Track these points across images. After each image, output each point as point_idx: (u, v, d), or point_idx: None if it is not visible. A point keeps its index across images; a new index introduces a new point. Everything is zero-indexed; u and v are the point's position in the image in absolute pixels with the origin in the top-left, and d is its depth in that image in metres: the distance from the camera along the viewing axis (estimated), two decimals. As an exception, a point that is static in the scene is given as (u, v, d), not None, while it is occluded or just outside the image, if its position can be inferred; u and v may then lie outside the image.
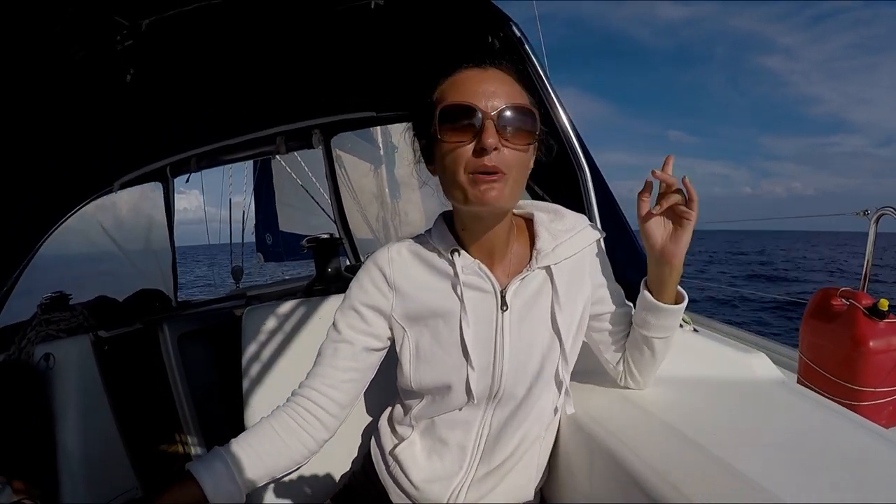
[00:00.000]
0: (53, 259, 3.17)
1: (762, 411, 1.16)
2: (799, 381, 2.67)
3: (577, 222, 1.20)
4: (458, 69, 1.06)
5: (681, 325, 1.60)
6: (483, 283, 1.13)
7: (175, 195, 3.67)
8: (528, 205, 1.23)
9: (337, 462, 1.48)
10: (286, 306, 1.63)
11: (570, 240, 1.16)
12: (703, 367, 1.35)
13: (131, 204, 3.70)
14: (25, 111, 1.98)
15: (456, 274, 1.12)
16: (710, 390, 1.08)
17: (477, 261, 1.14)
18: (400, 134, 5.42)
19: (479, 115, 0.98)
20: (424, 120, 1.08)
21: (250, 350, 1.59)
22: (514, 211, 1.21)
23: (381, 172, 5.70)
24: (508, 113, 0.99)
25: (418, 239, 1.21)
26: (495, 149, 0.98)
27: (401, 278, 1.16)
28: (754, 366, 1.37)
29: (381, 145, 5.79)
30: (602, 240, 1.23)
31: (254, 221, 7.90)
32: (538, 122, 1.04)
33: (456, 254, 1.14)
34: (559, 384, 1.17)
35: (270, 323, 1.61)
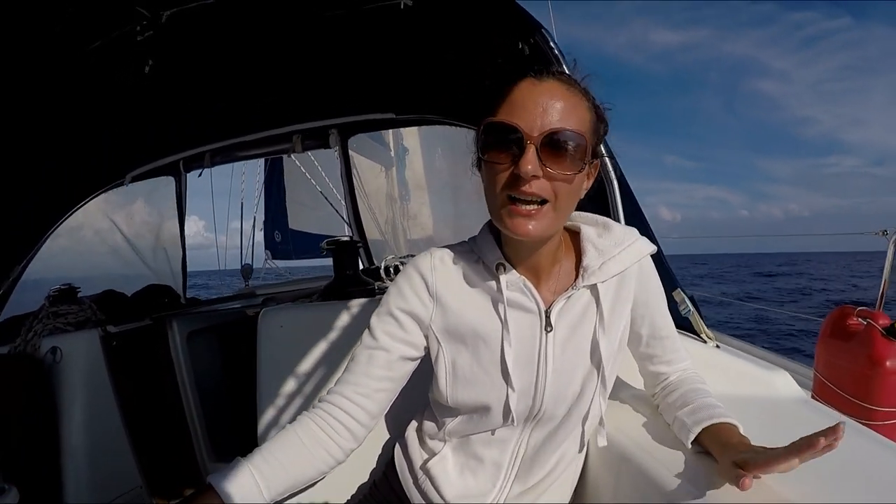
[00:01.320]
0: (62, 250, 3.16)
1: (788, 429, 1.13)
2: (813, 399, 2.65)
3: (625, 236, 1.12)
4: (516, 81, 0.96)
5: (704, 342, 1.59)
6: (528, 301, 1.08)
7: (187, 190, 3.66)
8: (575, 216, 1.17)
9: (357, 470, 1.44)
10: (304, 309, 1.60)
11: (618, 255, 1.10)
12: (727, 384, 1.32)
13: (143, 198, 3.68)
14: (39, 101, 1.96)
15: (500, 290, 1.07)
16: (735, 407, 1.06)
17: (523, 277, 1.08)
18: (413, 136, 5.41)
19: (522, 136, 0.90)
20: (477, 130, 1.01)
21: (265, 352, 1.56)
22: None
23: (392, 174, 5.67)
24: (554, 137, 0.91)
25: (462, 247, 1.16)
26: (535, 176, 0.90)
27: (443, 288, 1.10)
28: (776, 383, 1.35)
29: (392, 147, 5.76)
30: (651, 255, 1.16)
31: (263, 219, 7.87)
32: (589, 148, 0.95)
33: (502, 269, 1.08)
34: (597, 409, 1.12)
35: (287, 325, 1.58)
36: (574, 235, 1.15)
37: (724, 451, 0.93)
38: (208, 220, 7.82)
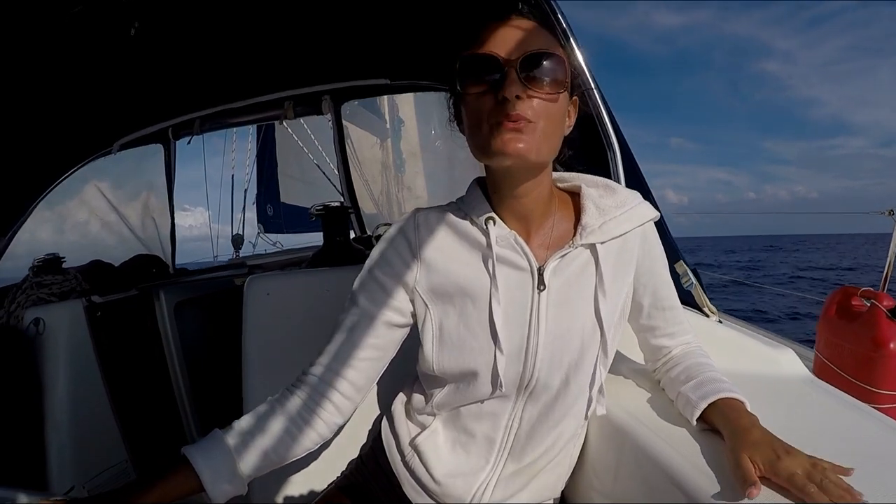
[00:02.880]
0: (48, 220, 3.11)
1: (790, 407, 1.11)
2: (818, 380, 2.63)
3: (629, 198, 1.07)
4: (488, 19, 0.95)
5: (707, 316, 1.54)
6: (518, 258, 1.01)
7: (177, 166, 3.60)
8: (575, 177, 1.12)
9: (344, 445, 1.39)
10: (291, 277, 1.54)
11: (620, 216, 1.04)
12: (729, 360, 1.26)
13: (131, 166, 3.61)
14: (21, 65, 1.88)
15: (489, 245, 1.01)
16: (737, 383, 1.02)
17: (513, 232, 1.02)
18: (408, 106, 5.35)
19: (500, 62, 0.89)
20: (452, 77, 0.97)
21: (251, 321, 1.50)
22: (559, 185, 1.11)
23: (388, 146, 5.63)
24: (532, 59, 0.89)
25: (449, 206, 1.10)
26: (518, 97, 0.88)
27: (428, 247, 1.04)
28: (781, 361, 1.31)
29: (387, 119, 5.71)
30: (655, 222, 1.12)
31: (255, 192, 7.88)
32: (568, 68, 0.94)
33: (491, 222, 1.02)
34: (596, 380, 1.06)
35: (274, 294, 1.52)
36: (574, 197, 1.09)
37: (733, 436, 0.88)
38: (213, 212, 7.81)
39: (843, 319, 2.58)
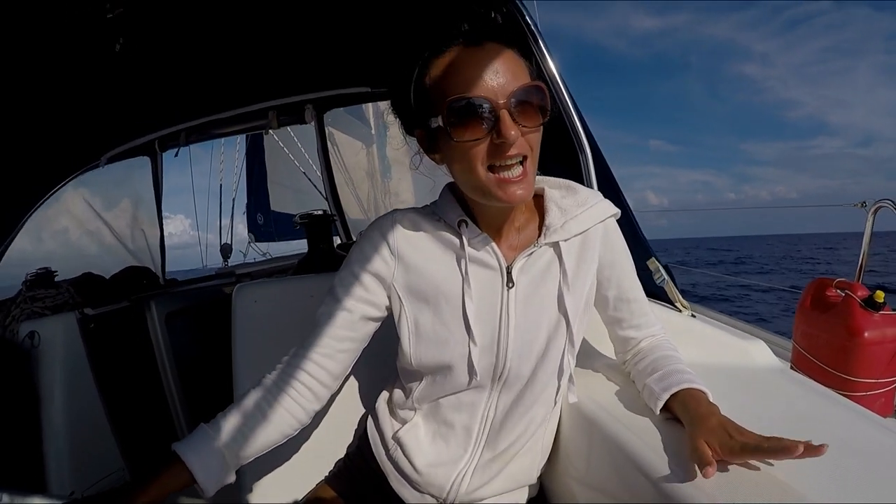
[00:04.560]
0: (39, 234, 3.13)
1: (761, 398, 1.14)
2: (792, 370, 2.68)
3: (589, 197, 1.14)
4: (448, 46, 0.97)
5: (679, 310, 1.59)
6: (489, 258, 1.08)
7: (164, 175, 3.62)
8: (539, 181, 1.17)
9: (332, 443, 1.44)
10: (277, 284, 1.59)
11: (580, 215, 1.11)
12: (701, 353, 1.32)
13: (119, 179, 3.63)
14: (6, 81, 1.90)
15: (462, 246, 1.08)
16: (709, 376, 1.06)
17: (485, 234, 1.08)
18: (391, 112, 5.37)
19: (493, 106, 0.91)
20: (420, 106, 1.01)
21: (240, 329, 1.55)
22: None
23: (373, 151, 5.66)
24: (521, 96, 0.93)
25: (424, 209, 1.16)
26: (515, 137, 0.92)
27: (404, 246, 1.10)
28: (752, 352, 1.36)
29: (372, 124, 5.75)
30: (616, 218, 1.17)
31: (245, 201, 7.87)
32: (547, 93, 0.97)
33: (464, 225, 1.08)
34: (564, 368, 1.12)
35: (261, 301, 1.57)
36: (538, 199, 1.15)
37: (692, 423, 0.93)
38: (192, 219, 7.80)
39: (818, 310, 2.62)
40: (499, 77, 0.92)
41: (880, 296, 2.47)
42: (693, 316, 1.58)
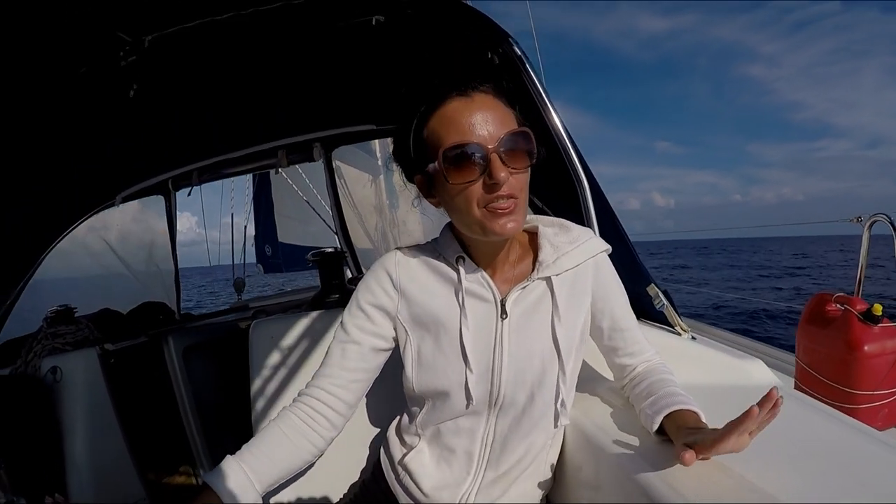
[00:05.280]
0: (56, 272, 3.19)
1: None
2: (796, 386, 2.72)
3: (581, 235, 1.23)
4: (442, 100, 1.06)
5: (679, 333, 1.64)
6: (484, 291, 1.16)
7: (177, 209, 3.69)
8: (533, 219, 1.26)
9: (347, 471, 1.51)
10: (293, 320, 1.65)
11: (572, 251, 1.19)
12: (701, 375, 1.37)
13: (134, 217, 3.71)
14: (28, 125, 1.99)
15: (459, 281, 1.16)
16: (709, 397, 1.10)
17: (480, 269, 1.17)
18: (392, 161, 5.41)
19: (483, 151, 1.00)
20: (418, 155, 1.10)
21: (257, 363, 1.62)
22: None
23: (380, 183, 5.72)
24: (509, 142, 1.02)
25: (425, 246, 1.26)
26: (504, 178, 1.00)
27: (406, 281, 1.20)
28: (751, 372, 1.41)
29: (378, 156, 5.82)
30: (608, 254, 1.25)
31: (253, 233, 7.91)
32: (534, 140, 1.06)
33: (461, 261, 1.18)
34: (559, 396, 1.18)
35: (277, 336, 1.64)
36: (533, 237, 1.24)
37: (677, 435, 1.00)
38: (200, 217, 7.80)
39: (819, 325, 2.67)
40: (488, 125, 1.02)
41: (878, 309, 2.52)
42: (693, 338, 1.62)
